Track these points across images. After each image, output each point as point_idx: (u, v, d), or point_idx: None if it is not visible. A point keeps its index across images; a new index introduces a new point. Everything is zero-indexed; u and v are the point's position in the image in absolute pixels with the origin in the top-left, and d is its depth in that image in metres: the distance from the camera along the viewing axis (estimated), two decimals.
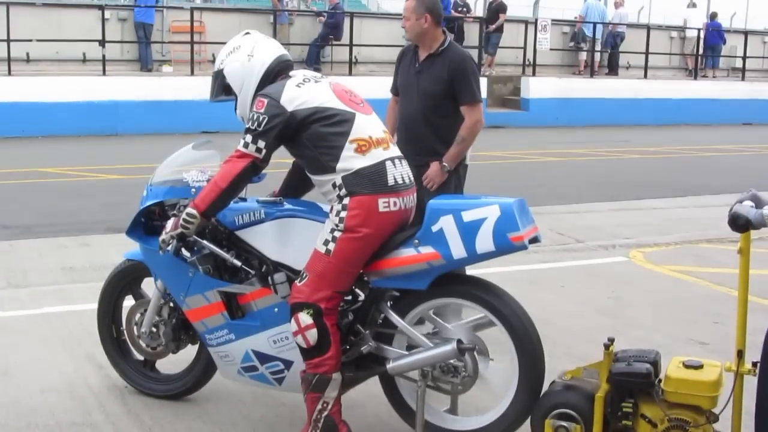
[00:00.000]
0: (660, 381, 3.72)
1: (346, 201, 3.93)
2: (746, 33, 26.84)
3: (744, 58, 26.05)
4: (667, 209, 10.83)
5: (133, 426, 4.45)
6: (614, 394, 3.72)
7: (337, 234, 3.91)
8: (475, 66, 5.48)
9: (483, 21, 22.08)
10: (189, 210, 4.03)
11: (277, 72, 4.18)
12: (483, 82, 5.45)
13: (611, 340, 3.78)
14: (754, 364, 3.45)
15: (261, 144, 3.96)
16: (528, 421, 3.97)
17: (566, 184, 12.77)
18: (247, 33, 4.36)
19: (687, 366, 3.63)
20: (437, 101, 5.29)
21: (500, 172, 13.02)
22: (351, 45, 20.29)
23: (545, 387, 3.96)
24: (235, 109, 4.27)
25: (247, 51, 4.21)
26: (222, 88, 4.27)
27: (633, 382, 3.68)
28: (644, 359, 3.73)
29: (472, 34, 21.91)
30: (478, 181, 5.71)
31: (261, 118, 3.95)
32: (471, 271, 4.72)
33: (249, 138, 3.97)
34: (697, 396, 3.57)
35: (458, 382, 4.06)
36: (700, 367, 3.64)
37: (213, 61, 4.32)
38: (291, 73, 4.19)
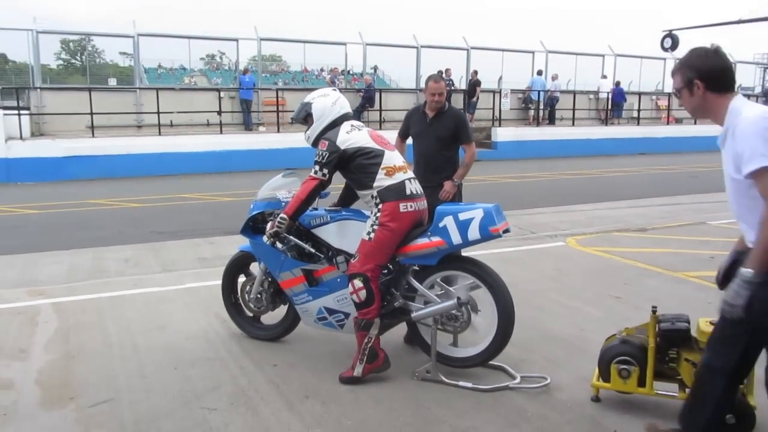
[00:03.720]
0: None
1: (380, 206, 3.97)
2: (640, 94, 26.71)
3: (639, 110, 25.93)
4: (590, 210, 10.69)
5: (245, 358, 4.46)
6: (662, 346, 3.49)
7: (375, 227, 3.95)
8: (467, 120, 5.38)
9: (465, 92, 22.05)
10: (281, 215, 4.07)
11: (340, 120, 4.20)
12: None
13: (655, 308, 3.51)
14: None
15: (325, 171, 3.99)
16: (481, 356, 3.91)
17: (523, 196, 12.66)
18: (334, 89, 4.39)
19: (712, 323, 3.26)
20: (446, 142, 5.18)
21: (481, 190, 12.94)
22: (380, 110, 20.28)
23: (602, 340, 3.76)
24: (306, 131, 4.26)
25: (333, 99, 4.24)
26: (305, 114, 4.25)
27: (678, 336, 3.45)
28: (683, 320, 3.48)
29: (456, 100, 21.83)
30: (468, 195, 5.67)
31: (324, 154, 3.99)
32: (465, 253, 4.69)
33: (317, 167, 4.00)
34: None
35: (458, 326, 4.05)
36: None
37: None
38: (344, 122, 4.19)
